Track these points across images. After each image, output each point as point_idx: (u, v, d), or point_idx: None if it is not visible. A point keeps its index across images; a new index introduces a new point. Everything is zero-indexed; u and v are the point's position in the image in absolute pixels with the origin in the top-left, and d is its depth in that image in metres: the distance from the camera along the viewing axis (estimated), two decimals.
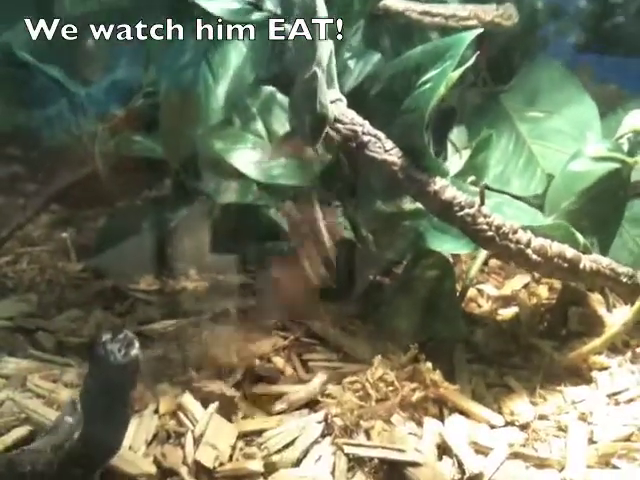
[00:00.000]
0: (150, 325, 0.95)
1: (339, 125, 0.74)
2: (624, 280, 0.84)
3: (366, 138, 0.74)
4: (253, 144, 0.90)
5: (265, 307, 1.00)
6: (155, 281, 1.10)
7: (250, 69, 0.77)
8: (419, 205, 0.81)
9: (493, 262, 1.18)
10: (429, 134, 0.74)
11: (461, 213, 0.74)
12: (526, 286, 1.13)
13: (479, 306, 1.08)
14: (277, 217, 1.14)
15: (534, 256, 0.76)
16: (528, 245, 0.76)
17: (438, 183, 0.74)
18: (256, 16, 0.79)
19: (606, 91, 1.45)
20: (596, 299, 0.98)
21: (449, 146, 1.15)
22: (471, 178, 0.99)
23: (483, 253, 1.03)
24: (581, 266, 0.79)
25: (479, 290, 1.12)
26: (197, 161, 1.08)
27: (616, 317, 0.98)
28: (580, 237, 0.81)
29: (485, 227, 0.74)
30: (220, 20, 0.78)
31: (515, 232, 0.75)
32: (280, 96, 0.92)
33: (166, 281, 1.10)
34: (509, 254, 0.75)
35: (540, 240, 0.77)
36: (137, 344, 0.55)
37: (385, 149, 0.74)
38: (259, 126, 0.91)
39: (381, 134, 0.75)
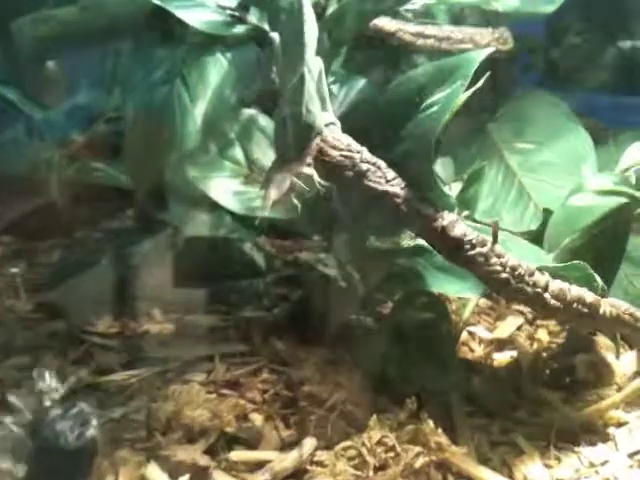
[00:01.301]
0: (109, 376, 0.84)
1: (333, 151, 0.65)
2: None
3: (365, 166, 0.65)
4: (231, 172, 0.80)
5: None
6: (115, 323, 1.00)
7: (232, 88, 0.68)
8: (419, 241, 0.72)
9: (482, 301, 1.10)
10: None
11: (472, 252, 0.65)
12: (520, 328, 1.05)
13: (472, 350, 1.00)
14: (253, 252, 1.04)
15: (552, 301, 0.67)
16: (546, 289, 0.67)
17: (446, 218, 0.66)
18: (239, 29, 0.69)
19: (586, 124, 1.40)
20: (603, 344, 0.91)
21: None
22: (465, 213, 0.91)
23: None
24: (601, 311, 0.70)
25: (470, 333, 1.03)
26: (165, 190, 0.99)
27: (625, 364, 0.91)
28: (599, 279, 0.73)
29: (499, 268, 0.65)
30: (199, 33, 0.69)
31: (532, 274, 0.67)
32: (262, 120, 0.82)
33: (127, 323, 0.99)
34: (525, 299, 0.67)
35: (558, 283, 0.69)
36: (94, 422, 0.44)
37: (387, 179, 0.66)
38: (237, 153, 0.82)
39: (381, 162, 0.66)
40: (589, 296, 0.70)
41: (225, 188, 0.78)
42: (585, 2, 1.13)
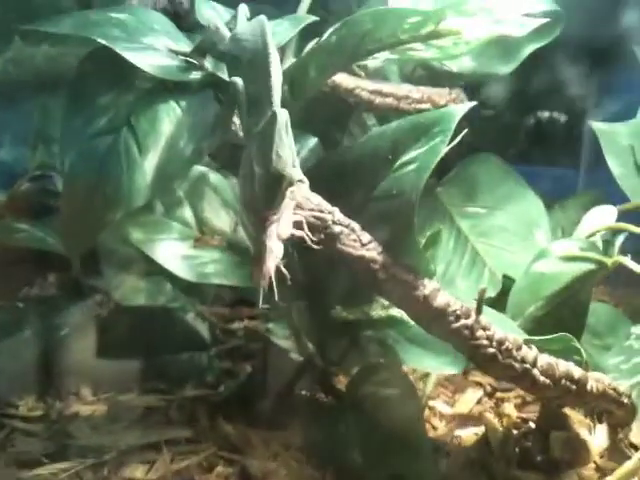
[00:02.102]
0: (32, 470, 0.72)
1: (303, 211, 0.58)
2: (625, 401, 0.70)
3: (337, 229, 0.58)
4: (179, 234, 0.72)
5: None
6: (38, 404, 0.88)
7: (187, 139, 0.60)
8: (392, 311, 0.65)
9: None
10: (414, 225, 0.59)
11: (457, 325, 0.59)
12: (480, 401, 0.99)
13: (434, 428, 0.93)
14: (196, 322, 0.95)
15: (542, 378, 0.61)
16: (534, 364, 0.61)
17: (428, 286, 0.59)
18: (195, 75, 0.62)
19: None
20: (577, 420, 0.85)
21: None
22: None
23: None
24: (588, 387, 0.65)
25: (430, 407, 0.96)
26: (100, 253, 0.89)
27: (598, 440, 0.85)
28: (583, 352, 0.68)
29: (485, 342, 0.59)
30: (149, 79, 0.61)
31: (519, 348, 0.61)
32: (213, 177, 0.75)
33: (52, 404, 0.88)
34: (513, 376, 0.61)
35: (546, 357, 0.63)
36: None
37: (362, 243, 0.59)
38: (187, 213, 0.73)
39: (355, 224, 0.60)
40: (576, 371, 0.65)
41: (173, 252, 0.70)
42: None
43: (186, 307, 0.93)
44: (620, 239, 0.89)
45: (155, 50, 0.62)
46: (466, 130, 0.65)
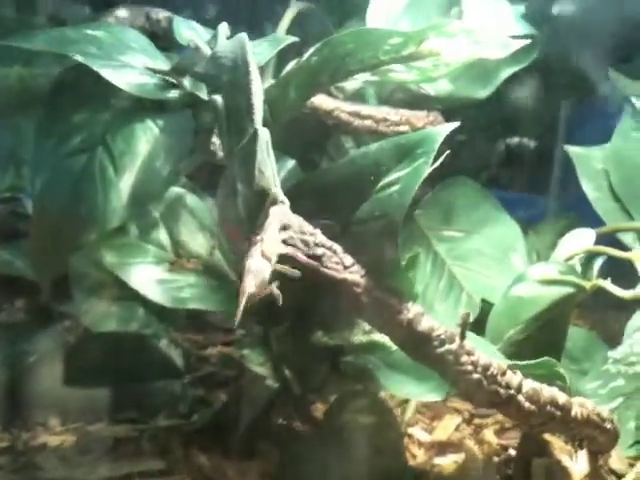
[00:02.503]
0: None
1: (284, 233, 0.56)
2: (608, 426, 0.69)
3: (319, 251, 0.57)
4: (154, 258, 0.70)
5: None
6: (3, 434, 0.84)
7: (164, 159, 0.59)
8: (373, 336, 0.64)
9: None
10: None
11: (441, 350, 0.57)
12: (458, 427, 0.98)
13: (413, 456, 0.91)
14: (169, 349, 0.93)
15: (527, 404, 0.60)
16: (519, 390, 0.60)
17: (412, 310, 0.58)
18: (173, 94, 0.61)
19: None
20: (558, 447, 0.84)
21: None
22: None
23: None
24: (573, 413, 0.64)
25: (408, 435, 0.94)
26: (70, 277, 0.86)
27: (581, 467, 0.84)
28: (567, 377, 0.67)
29: (470, 368, 0.58)
30: (126, 97, 0.60)
31: (504, 374, 0.60)
32: (190, 199, 0.73)
33: (18, 435, 0.84)
34: (498, 402, 0.59)
35: (530, 383, 0.62)
36: None
37: (344, 265, 0.57)
38: (162, 235, 0.71)
39: (337, 246, 0.58)
40: (561, 397, 0.64)
41: (148, 276, 0.67)
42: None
43: (159, 333, 0.91)
44: (599, 262, 0.89)
45: (132, 68, 0.61)
46: (448, 152, 0.65)
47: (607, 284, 0.81)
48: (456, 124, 0.61)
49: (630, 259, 0.87)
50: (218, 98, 0.55)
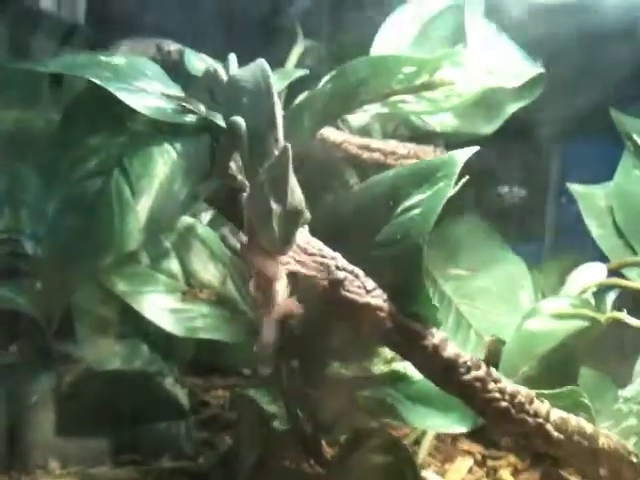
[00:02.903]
0: None
1: (304, 256, 0.55)
2: (635, 460, 0.67)
3: (341, 274, 0.55)
4: (166, 287, 0.68)
5: None
6: (3, 478, 0.82)
7: (182, 182, 0.57)
8: (395, 366, 0.62)
9: None
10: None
11: (468, 377, 0.55)
12: (471, 470, 0.95)
13: None
14: (174, 388, 0.90)
15: (555, 433, 0.58)
16: (547, 419, 0.58)
17: (436, 336, 0.56)
18: (190, 118, 0.60)
19: None
20: None
21: None
22: None
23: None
24: (600, 444, 0.62)
25: (421, 478, 0.91)
26: (73, 315, 0.84)
27: None
28: (592, 408, 0.65)
29: (498, 395, 0.56)
30: (142, 121, 0.59)
31: (531, 402, 0.58)
32: (201, 228, 0.72)
33: (18, 478, 0.81)
34: (526, 431, 0.57)
35: (558, 412, 0.60)
36: None
37: (367, 289, 0.56)
38: (173, 265, 0.70)
39: (359, 270, 0.57)
40: (588, 427, 0.62)
41: (160, 305, 0.66)
42: None
43: (164, 372, 0.88)
44: (612, 296, 0.88)
45: (148, 93, 0.60)
46: (467, 177, 0.64)
47: (624, 316, 0.80)
48: (475, 148, 0.60)
49: None
50: (239, 119, 0.55)
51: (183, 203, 0.57)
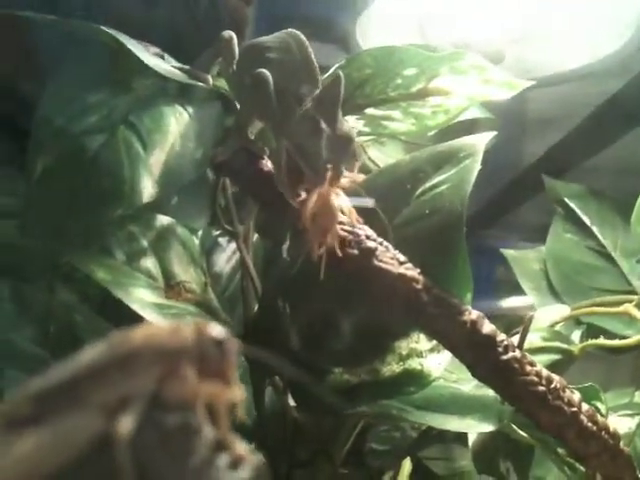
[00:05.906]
0: None
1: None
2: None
3: (372, 244, 0.51)
4: (146, 284, 0.60)
5: None
6: None
7: (196, 142, 0.52)
8: (411, 364, 0.57)
9: None
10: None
11: (506, 356, 0.51)
12: None
13: None
14: None
15: (589, 424, 0.54)
16: (580, 409, 0.55)
17: (473, 312, 0.52)
18: (202, 92, 0.56)
19: None
20: None
21: None
22: None
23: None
24: (621, 445, 0.58)
25: None
26: None
27: None
28: (603, 409, 0.62)
29: (535, 379, 0.52)
30: (149, 86, 0.54)
31: (564, 389, 0.54)
32: (181, 230, 0.66)
33: None
34: (562, 422, 0.53)
35: (585, 404, 0.56)
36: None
37: (399, 261, 0.52)
38: (150, 264, 0.62)
39: (387, 243, 0.53)
40: (610, 423, 0.59)
41: (145, 297, 0.57)
42: None
43: None
44: (578, 333, 0.88)
45: (159, 58, 0.56)
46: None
47: (599, 341, 0.80)
48: (493, 133, 0.59)
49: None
50: (265, 71, 0.51)
51: (200, 161, 0.51)
